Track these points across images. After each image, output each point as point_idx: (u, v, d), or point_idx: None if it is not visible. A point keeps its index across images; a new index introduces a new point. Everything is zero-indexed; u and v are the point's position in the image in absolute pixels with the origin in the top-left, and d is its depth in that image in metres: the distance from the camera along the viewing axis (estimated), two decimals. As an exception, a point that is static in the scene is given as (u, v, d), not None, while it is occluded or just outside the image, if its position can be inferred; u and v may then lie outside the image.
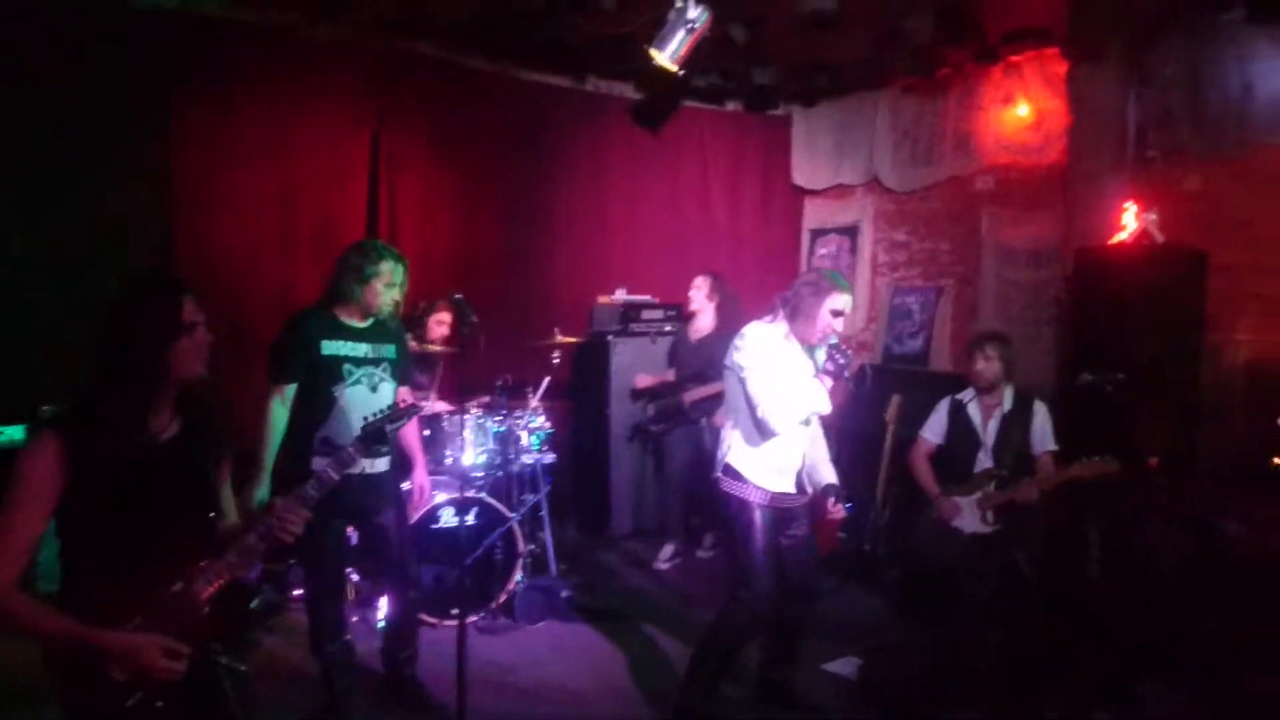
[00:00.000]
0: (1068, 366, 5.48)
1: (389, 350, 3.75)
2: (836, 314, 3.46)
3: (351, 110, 5.90)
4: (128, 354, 2.12)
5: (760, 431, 3.45)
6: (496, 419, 5.21)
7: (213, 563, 2.19)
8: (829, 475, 3.74)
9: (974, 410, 4.62)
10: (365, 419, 2.78)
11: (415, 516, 4.27)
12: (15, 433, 4.59)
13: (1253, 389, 4.96)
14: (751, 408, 3.44)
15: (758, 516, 3.49)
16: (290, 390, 3.57)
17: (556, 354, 5.65)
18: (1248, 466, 4.72)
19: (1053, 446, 4.51)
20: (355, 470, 3.55)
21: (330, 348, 3.59)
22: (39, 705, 2.18)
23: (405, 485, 4.13)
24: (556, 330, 5.69)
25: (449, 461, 4.98)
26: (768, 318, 3.60)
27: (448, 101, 6.30)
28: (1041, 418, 4.56)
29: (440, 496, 4.69)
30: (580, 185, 6.96)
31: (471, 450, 5.07)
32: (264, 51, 5.52)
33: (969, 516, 4.47)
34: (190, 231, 5.32)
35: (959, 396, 4.73)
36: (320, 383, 3.56)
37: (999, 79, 6.27)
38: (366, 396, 3.62)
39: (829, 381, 3.45)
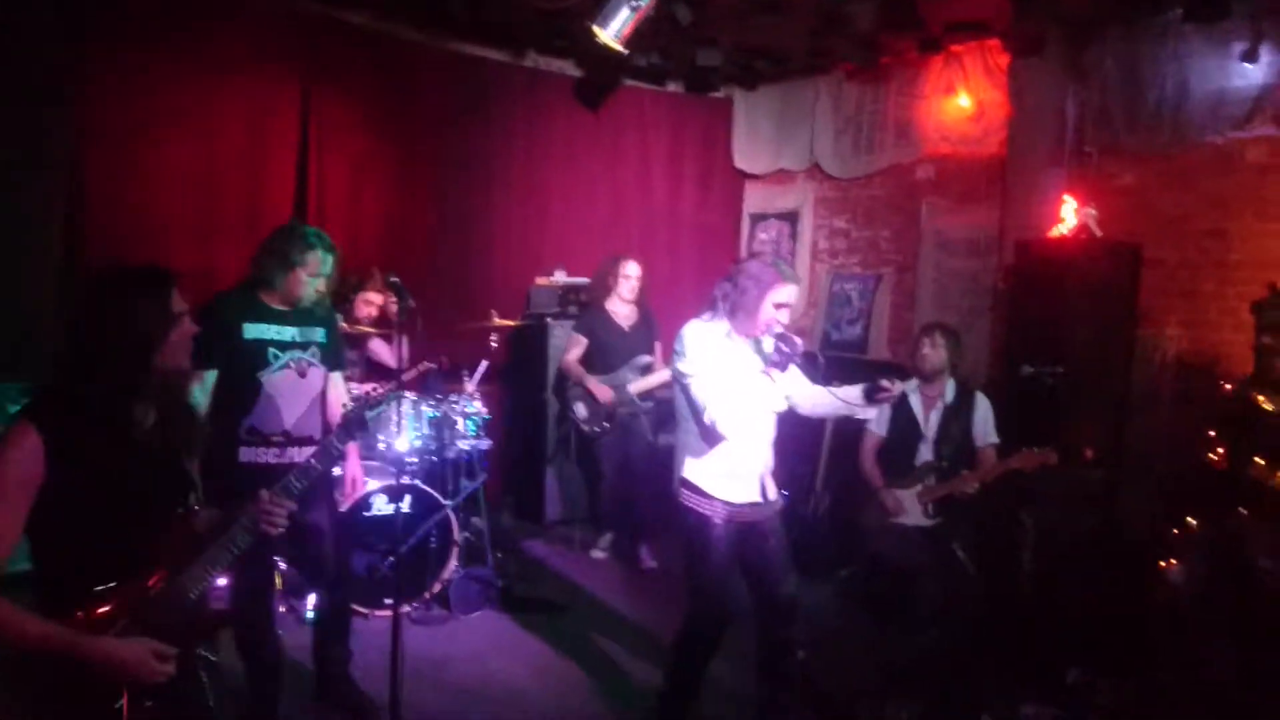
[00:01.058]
0: (1004, 357, 5.55)
1: (318, 334, 3.57)
2: (780, 306, 3.22)
3: (278, 80, 5.63)
4: (121, 344, 2.05)
5: (708, 439, 3.22)
6: (431, 403, 5.06)
7: (199, 560, 2.12)
8: None
9: (915, 402, 4.62)
10: (344, 406, 2.68)
11: (345, 507, 4.11)
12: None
13: (1181, 384, 5.05)
14: (697, 415, 3.20)
15: (716, 533, 3.23)
16: (210, 377, 3.35)
17: (494, 337, 5.51)
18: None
19: (995, 439, 4.55)
20: (276, 461, 3.41)
21: (253, 331, 3.40)
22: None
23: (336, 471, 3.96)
24: (494, 312, 5.54)
25: (382, 447, 4.82)
26: (706, 314, 3.33)
27: (380, 74, 6.07)
28: (984, 410, 4.59)
29: (373, 483, 4.55)
30: (518, 163, 6.79)
31: (406, 436, 4.91)
32: (183, 14, 5.19)
33: (911, 509, 4.48)
34: (101, 211, 4.99)
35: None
36: (243, 369, 3.37)
37: (940, 69, 6.28)
38: (294, 382, 3.46)
39: (779, 375, 3.26)
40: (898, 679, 3.99)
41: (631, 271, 5.69)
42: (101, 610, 1.99)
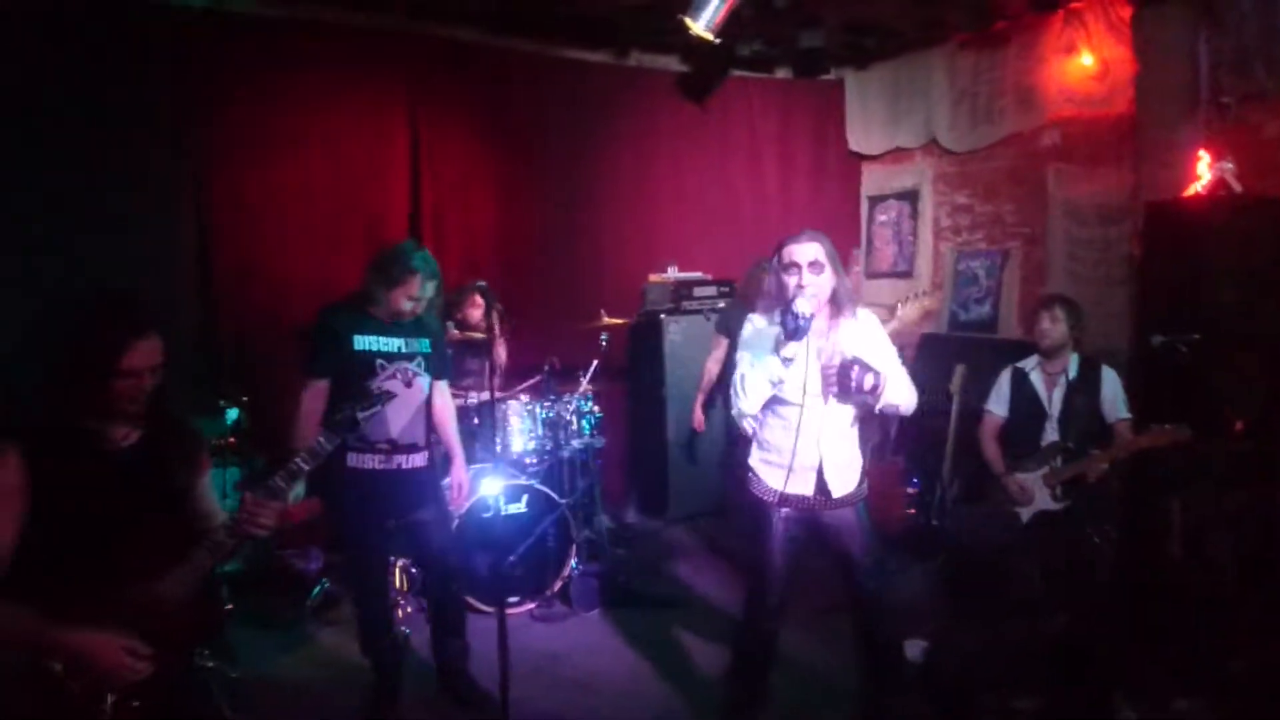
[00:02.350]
0: (1142, 328, 5.19)
1: (423, 345, 3.68)
2: (790, 268, 3.01)
3: (389, 99, 5.84)
4: (71, 376, 2.16)
5: (740, 416, 3.22)
6: (545, 404, 5.14)
7: (181, 564, 2.18)
8: None
9: (1037, 379, 4.38)
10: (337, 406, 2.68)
11: (458, 512, 4.20)
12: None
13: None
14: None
15: (772, 519, 3.15)
16: (322, 385, 3.53)
17: (604, 336, 5.55)
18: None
19: (1125, 414, 4.25)
20: (383, 467, 3.54)
21: (362, 342, 3.55)
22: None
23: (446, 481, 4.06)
24: (602, 311, 5.58)
25: (498, 449, 4.93)
26: (760, 307, 3.32)
27: (484, 84, 6.20)
28: (1111, 384, 4.30)
29: (492, 484, 4.64)
30: (625, 162, 6.81)
31: (520, 437, 5.01)
32: (296, 45, 5.47)
33: (1037, 493, 4.25)
34: (229, 230, 5.32)
35: (1020, 365, 4.50)
36: (353, 378, 3.50)
37: (1060, 28, 5.93)
38: (401, 392, 3.54)
39: (797, 347, 2.92)
40: (1020, 668, 3.78)
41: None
42: (73, 614, 2.05)
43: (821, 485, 3.15)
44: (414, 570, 4.70)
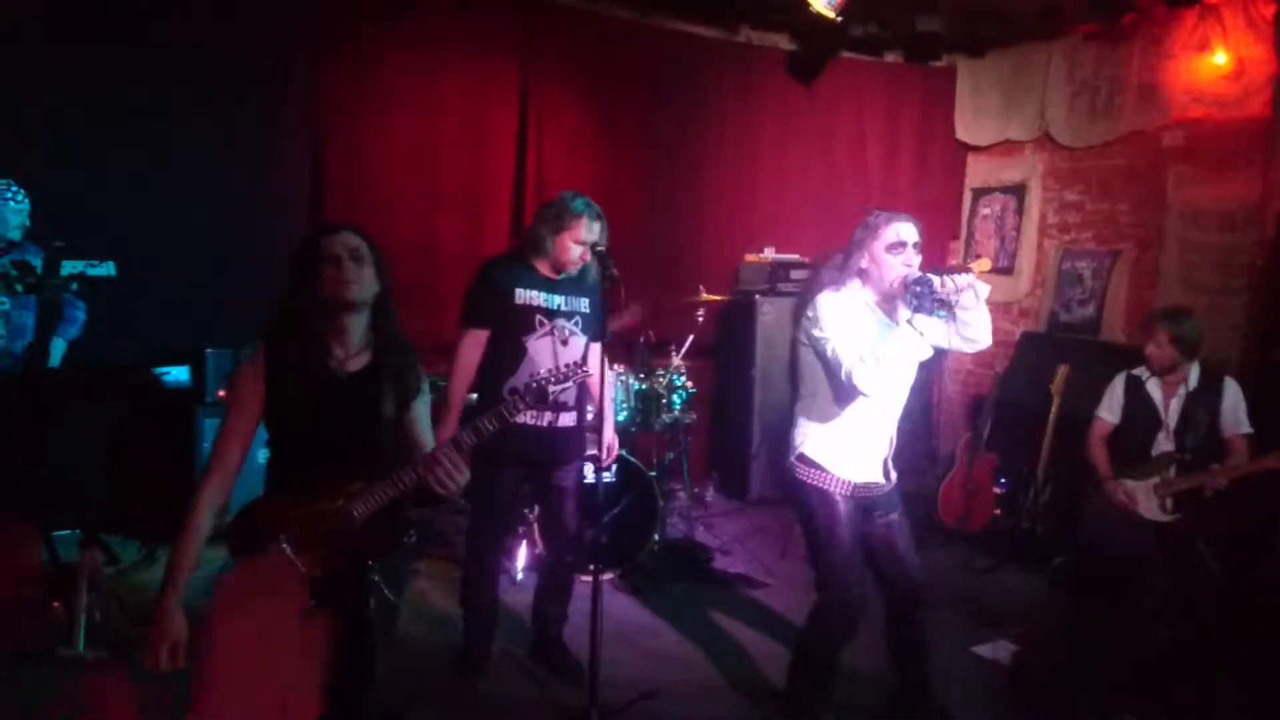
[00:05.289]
0: (1258, 340, 5.01)
1: (583, 304, 3.63)
2: (897, 246, 2.96)
3: (497, 61, 5.87)
4: (290, 294, 2.38)
5: (843, 399, 3.04)
6: (639, 376, 5.14)
7: (370, 488, 2.30)
8: None
9: (1153, 387, 4.24)
10: (533, 375, 2.69)
11: (607, 464, 4.13)
12: (182, 373, 4.82)
13: None
14: (833, 375, 3.00)
15: (840, 510, 3.08)
16: (481, 335, 3.55)
17: (701, 312, 5.52)
18: None
19: (1247, 429, 4.09)
20: (534, 423, 3.53)
21: (523, 296, 3.53)
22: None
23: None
24: (702, 288, 5.55)
25: (590, 418, 4.93)
26: (831, 288, 3.10)
27: (594, 53, 6.20)
28: (1233, 397, 4.14)
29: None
30: (729, 139, 6.75)
31: (613, 406, 5.01)
32: (407, 7, 5.54)
33: (1144, 503, 4.13)
34: (338, 183, 5.43)
35: (1135, 372, 4.35)
36: (510, 332, 3.52)
37: (1193, 24, 5.69)
38: (556, 349, 3.55)
39: (924, 321, 2.85)
40: (1121, 680, 3.69)
41: None
42: (284, 510, 2.31)
43: (886, 471, 3.18)
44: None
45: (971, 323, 2.99)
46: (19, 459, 3.94)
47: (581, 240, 3.51)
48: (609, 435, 3.96)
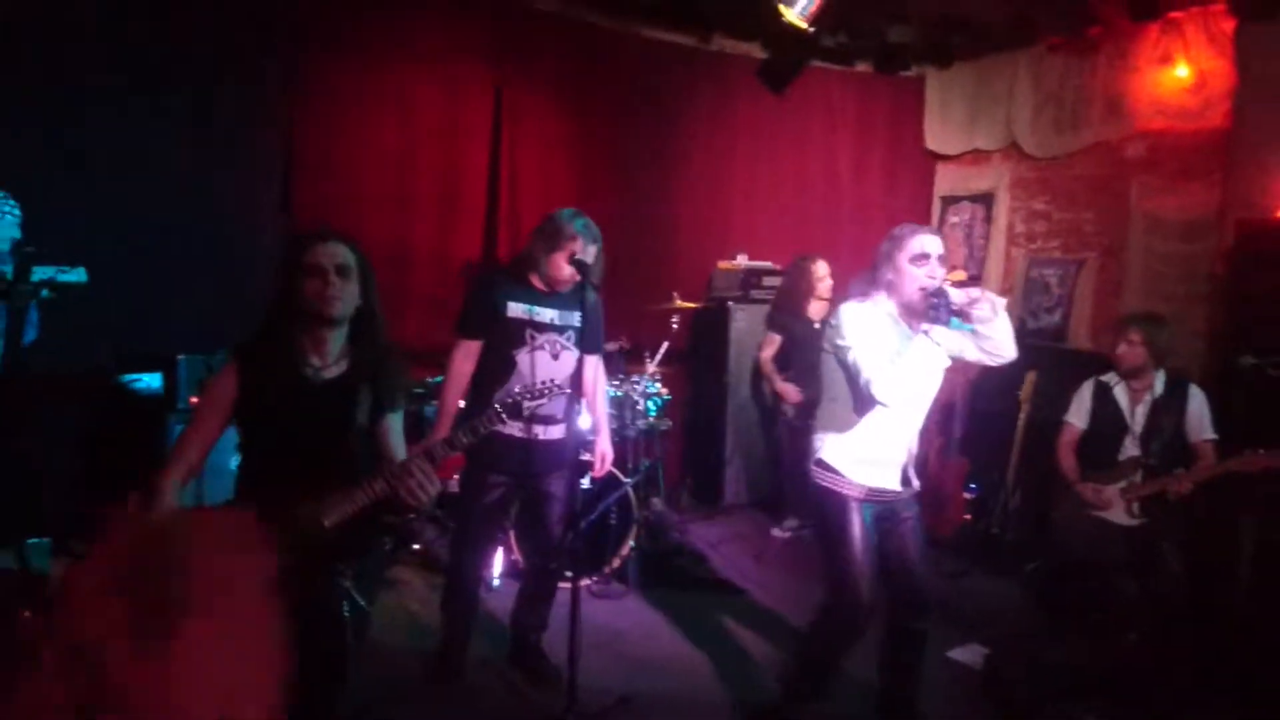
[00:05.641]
0: (1220, 347, 5.11)
1: (575, 318, 3.61)
2: (920, 259, 3.06)
3: (471, 66, 5.86)
4: (273, 295, 2.42)
5: (862, 408, 3.10)
6: (613, 383, 5.16)
7: (340, 494, 2.31)
8: None
9: (1120, 394, 4.32)
10: (507, 391, 2.72)
11: (599, 474, 4.12)
12: (154, 380, 4.77)
13: None
14: (854, 382, 3.09)
15: (855, 517, 3.13)
16: (473, 346, 3.57)
17: (675, 319, 5.55)
18: None
19: (1211, 435, 4.17)
20: (522, 435, 3.55)
21: (515, 309, 3.55)
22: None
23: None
24: (676, 294, 5.58)
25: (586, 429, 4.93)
26: (856, 298, 3.22)
27: (568, 59, 6.21)
28: (1198, 403, 4.23)
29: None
30: (701, 147, 6.80)
31: (587, 414, 5.02)
32: (384, 7, 5.53)
33: (1113, 506, 4.20)
34: (309, 183, 5.36)
35: (1103, 378, 4.43)
36: (500, 345, 3.54)
37: (1156, 37, 5.82)
38: (547, 363, 3.55)
39: (941, 332, 3.00)
40: (1089, 682, 3.75)
41: (823, 271, 5.68)
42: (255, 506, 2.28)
43: (905, 478, 3.24)
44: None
45: (991, 335, 3.07)
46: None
47: (576, 260, 3.51)
48: (604, 446, 3.98)
